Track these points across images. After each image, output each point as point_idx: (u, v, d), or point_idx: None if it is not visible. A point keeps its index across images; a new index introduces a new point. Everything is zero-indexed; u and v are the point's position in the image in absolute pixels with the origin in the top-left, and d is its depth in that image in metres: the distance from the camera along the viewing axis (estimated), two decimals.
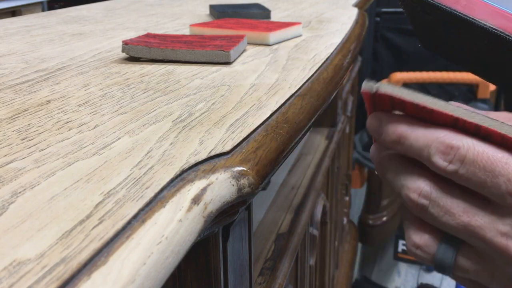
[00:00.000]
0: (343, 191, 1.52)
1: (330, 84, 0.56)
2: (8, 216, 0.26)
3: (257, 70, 0.56)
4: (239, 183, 0.33)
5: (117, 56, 0.62)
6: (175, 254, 0.26)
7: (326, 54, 0.64)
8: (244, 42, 0.66)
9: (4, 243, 0.24)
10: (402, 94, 0.29)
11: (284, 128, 0.41)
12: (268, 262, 0.64)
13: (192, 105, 0.44)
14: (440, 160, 0.28)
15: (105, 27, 0.85)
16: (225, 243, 0.40)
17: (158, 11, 1.04)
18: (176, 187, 0.30)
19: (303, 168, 0.95)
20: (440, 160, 0.28)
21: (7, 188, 0.29)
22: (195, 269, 0.39)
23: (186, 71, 0.56)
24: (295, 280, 0.78)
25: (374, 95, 0.30)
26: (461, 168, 0.27)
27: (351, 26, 0.86)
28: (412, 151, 0.29)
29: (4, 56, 0.62)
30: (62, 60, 0.60)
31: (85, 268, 0.22)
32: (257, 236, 0.70)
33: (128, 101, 0.45)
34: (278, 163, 0.38)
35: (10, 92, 0.47)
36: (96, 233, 0.24)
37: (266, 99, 0.46)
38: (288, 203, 0.81)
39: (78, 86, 0.50)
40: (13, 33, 0.78)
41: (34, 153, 0.33)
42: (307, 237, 0.83)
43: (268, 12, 0.90)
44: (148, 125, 0.39)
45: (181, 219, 0.27)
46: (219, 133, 0.38)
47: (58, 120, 0.40)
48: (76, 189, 0.29)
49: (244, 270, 0.45)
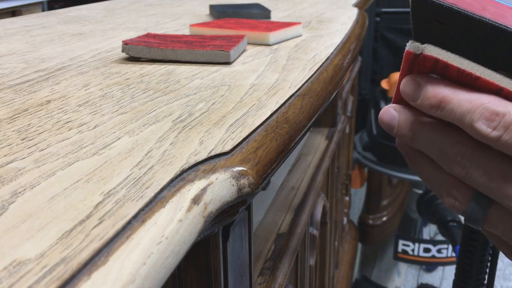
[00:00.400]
0: (343, 191, 1.52)
1: (330, 84, 0.56)
2: (8, 216, 0.26)
3: (257, 70, 0.56)
4: (239, 183, 0.33)
5: (117, 56, 0.62)
6: (175, 254, 0.26)
7: (326, 54, 0.64)
8: (244, 42, 0.66)
9: (4, 243, 0.24)
10: (449, 58, 0.28)
11: (284, 128, 0.41)
12: (268, 262, 0.64)
13: (192, 105, 0.44)
14: (483, 126, 0.28)
15: (105, 27, 0.85)
16: (225, 243, 0.40)
17: (158, 11, 1.04)
18: (176, 187, 0.30)
19: (303, 168, 0.95)
20: (483, 126, 0.28)
21: (7, 188, 0.29)
22: (195, 269, 0.39)
23: (186, 71, 0.56)
24: (295, 280, 0.78)
25: (418, 56, 0.30)
26: (505, 135, 0.27)
27: (351, 26, 0.86)
28: (453, 116, 0.29)
29: (4, 56, 0.62)
30: (62, 60, 0.60)
31: (85, 268, 0.22)
32: (257, 236, 0.70)
33: (128, 101, 0.45)
34: (278, 163, 0.38)
35: (10, 92, 0.47)
36: (96, 233, 0.24)
37: (266, 99, 0.46)
38: (288, 203, 0.81)
39: (78, 86, 0.50)
40: (13, 33, 0.78)
41: (34, 153, 0.33)
42: (307, 237, 0.83)
43: (268, 12, 0.90)
44: (148, 125, 0.39)
45: (181, 219, 0.27)
46: (219, 133, 0.38)
47: (58, 120, 0.40)
48: (76, 189, 0.29)
49: (244, 270, 0.45)
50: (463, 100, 0.28)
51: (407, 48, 0.30)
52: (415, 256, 2.03)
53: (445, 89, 0.29)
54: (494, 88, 0.28)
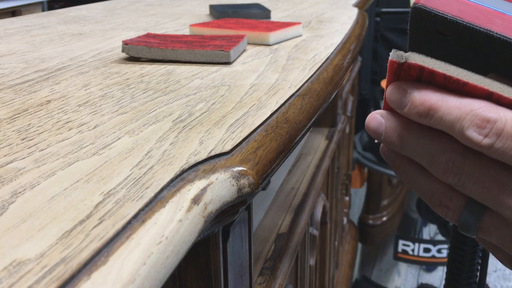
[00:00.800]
0: (343, 191, 1.52)
1: (330, 84, 0.56)
2: (8, 216, 0.26)
3: (257, 70, 0.56)
4: (239, 183, 0.33)
5: (117, 56, 0.62)
6: (175, 254, 0.26)
7: (326, 54, 0.64)
8: (244, 42, 0.66)
9: (4, 243, 0.24)
10: (434, 65, 0.27)
11: (284, 128, 0.41)
12: (268, 262, 0.64)
13: (192, 105, 0.44)
14: (474, 133, 0.26)
15: (105, 27, 0.85)
16: (225, 243, 0.40)
17: (158, 11, 1.04)
18: (176, 187, 0.30)
19: (303, 168, 0.95)
20: (474, 134, 0.26)
21: (7, 188, 0.29)
22: (195, 269, 0.39)
23: (186, 71, 0.56)
24: (295, 280, 0.78)
25: (402, 65, 0.28)
26: (497, 142, 0.26)
27: (351, 26, 0.86)
28: (442, 124, 0.28)
29: (4, 56, 0.62)
30: (62, 60, 0.60)
31: (85, 268, 0.22)
32: (257, 236, 0.70)
33: (128, 101, 0.45)
34: (278, 163, 0.38)
35: (10, 92, 0.47)
36: (96, 233, 0.24)
37: (266, 99, 0.46)
38: (288, 203, 0.81)
39: (78, 86, 0.50)
40: (13, 33, 0.78)
41: (34, 153, 0.33)
42: (307, 237, 0.83)
43: (268, 12, 0.90)
44: (148, 125, 0.39)
45: (181, 219, 0.27)
46: (219, 133, 0.38)
47: (58, 120, 0.40)
48: (76, 189, 0.29)
49: (244, 270, 0.45)
50: (452, 107, 0.27)
51: (390, 58, 0.29)
52: (415, 256, 2.03)
53: (433, 96, 0.28)
54: (484, 93, 0.27)
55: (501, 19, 0.28)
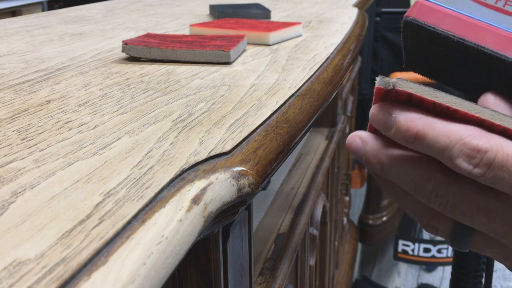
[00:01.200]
0: (343, 191, 1.52)
1: (330, 84, 0.56)
2: (8, 216, 0.26)
3: (257, 70, 0.56)
4: (239, 183, 0.33)
5: (117, 56, 0.62)
6: (175, 254, 0.26)
7: (326, 54, 0.64)
8: (244, 42, 0.66)
9: (4, 243, 0.24)
10: (423, 93, 0.26)
11: (284, 128, 0.41)
12: (268, 262, 0.64)
13: (192, 105, 0.44)
14: (464, 163, 0.25)
15: (105, 27, 0.85)
16: (225, 243, 0.40)
17: (158, 11, 1.04)
18: (176, 187, 0.30)
19: (303, 168, 0.95)
20: (464, 164, 0.25)
21: (7, 188, 0.29)
22: (195, 269, 0.39)
23: (186, 71, 0.56)
24: (295, 280, 0.78)
25: (390, 91, 0.27)
26: (488, 172, 0.25)
27: (351, 26, 0.86)
28: (430, 151, 0.27)
29: (4, 56, 0.62)
30: (62, 60, 0.60)
31: (85, 268, 0.22)
32: (257, 236, 0.70)
33: (128, 101, 0.45)
34: (278, 163, 0.38)
35: (10, 92, 0.47)
36: (96, 233, 0.24)
37: (266, 99, 0.46)
38: (288, 203, 0.81)
39: (78, 86, 0.50)
40: (13, 33, 0.78)
41: (34, 153, 0.33)
42: (307, 237, 0.83)
43: (268, 12, 0.90)
44: (148, 125, 0.39)
45: (181, 219, 0.27)
46: (219, 133, 0.38)
47: (58, 120, 0.40)
48: (76, 189, 0.29)
49: (244, 270, 0.45)
50: (440, 134, 0.26)
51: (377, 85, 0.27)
52: (415, 256, 2.03)
53: (420, 121, 0.27)
54: (475, 120, 0.26)
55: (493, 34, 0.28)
